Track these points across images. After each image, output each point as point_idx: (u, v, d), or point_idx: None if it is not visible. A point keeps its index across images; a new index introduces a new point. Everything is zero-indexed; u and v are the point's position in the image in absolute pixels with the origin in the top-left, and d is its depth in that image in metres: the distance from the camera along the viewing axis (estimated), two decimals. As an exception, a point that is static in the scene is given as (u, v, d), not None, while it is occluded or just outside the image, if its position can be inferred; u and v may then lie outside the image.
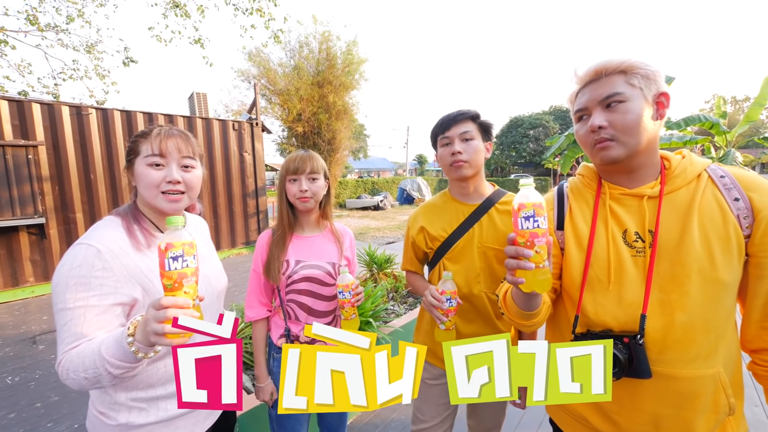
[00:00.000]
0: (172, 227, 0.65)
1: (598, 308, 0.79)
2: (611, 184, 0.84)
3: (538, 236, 0.66)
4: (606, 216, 0.82)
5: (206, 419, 0.98)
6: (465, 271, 1.18)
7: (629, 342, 0.74)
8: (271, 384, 1.28)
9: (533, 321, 0.84)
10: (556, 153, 8.85)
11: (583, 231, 0.84)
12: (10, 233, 4.43)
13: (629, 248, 0.78)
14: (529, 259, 0.67)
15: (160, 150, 0.84)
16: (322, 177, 1.24)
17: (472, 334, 1.19)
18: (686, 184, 0.77)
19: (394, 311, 2.92)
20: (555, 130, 33.36)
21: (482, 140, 1.16)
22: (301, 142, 11.47)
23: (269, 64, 10.89)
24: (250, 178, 6.84)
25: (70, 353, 0.72)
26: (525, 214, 0.67)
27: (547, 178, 27.19)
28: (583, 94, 0.80)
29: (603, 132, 0.76)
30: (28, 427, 2.14)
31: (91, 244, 0.78)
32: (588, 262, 0.81)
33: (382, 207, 16.05)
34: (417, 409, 1.30)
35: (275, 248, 1.24)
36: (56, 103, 4.75)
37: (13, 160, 4.33)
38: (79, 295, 0.74)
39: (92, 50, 7.12)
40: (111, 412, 0.84)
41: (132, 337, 0.67)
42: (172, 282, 0.63)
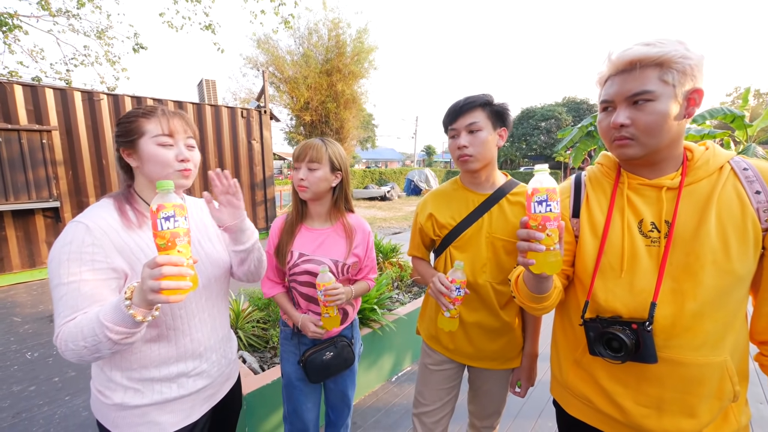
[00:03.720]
0: (162, 191, 0.66)
1: (608, 295, 0.80)
2: (630, 174, 0.83)
3: (549, 220, 0.69)
4: (623, 205, 0.82)
5: (204, 403, 0.98)
6: (471, 260, 1.17)
7: (637, 328, 0.75)
8: (306, 317, 1.26)
9: (543, 305, 0.86)
10: (568, 146, 8.68)
11: (598, 219, 0.85)
12: (27, 216, 4.56)
13: (644, 238, 0.79)
14: (540, 241, 0.70)
15: (169, 129, 0.86)
16: (325, 167, 1.19)
17: (475, 323, 1.19)
18: (708, 175, 0.76)
19: (399, 300, 2.94)
20: (568, 122, 32.64)
21: (493, 128, 1.11)
22: (309, 131, 11.44)
23: (278, 51, 10.80)
24: (258, 166, 6.88)
25: (68, 325, 0.74)
26: (538, 199, 0.70)
27: (558, 172, 26.77)
28: (612, 84, 0.77)
29: (624, 130, 0.75)
30: (47, 399, 2.25)
31: (81, 221, 0.80)
32: (602, 250, 0.82)
33: (389, 198, 16.03)
34: (419, 393, 1.33)
35: (285, 235, 1.26)
36: (68, 89, 4.81)
37: (29, 145, 4.42)
38: (72, 269, 0.76)
39: (103, 36, 7.16)
40: (107, 391, 0.86)
41: (129, 301, 0.68)
42: (165, 241, 0.65)
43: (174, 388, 0.90)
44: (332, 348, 1.28)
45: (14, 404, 2.20)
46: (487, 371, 1.26)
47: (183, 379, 0.91)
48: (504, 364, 1.23)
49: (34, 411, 2.15)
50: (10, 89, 4.35)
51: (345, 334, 1.35)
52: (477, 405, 1.33)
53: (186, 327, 0.91)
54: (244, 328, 2.24)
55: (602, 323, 0.79)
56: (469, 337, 1.20)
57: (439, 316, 1.12)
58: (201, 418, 0.97)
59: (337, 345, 1.29)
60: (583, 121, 8.35)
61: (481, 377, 1.28)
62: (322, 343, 1.29)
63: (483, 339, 1.20)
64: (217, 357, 1.00)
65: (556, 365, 0.97)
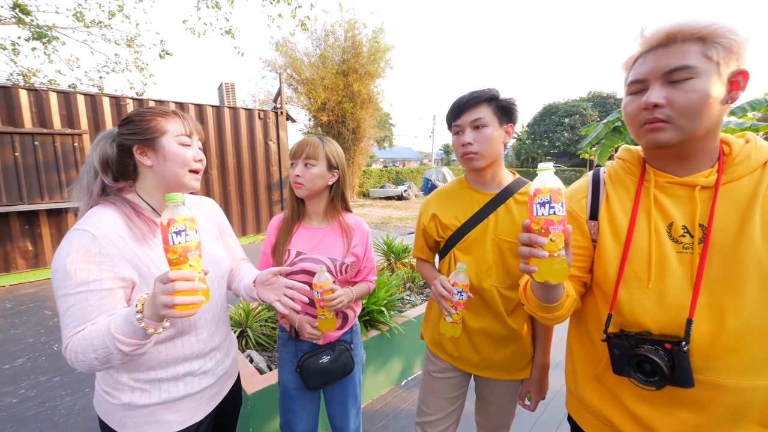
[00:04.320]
0: (172, 203, 0.66)
1: (635, 307, 0.72)
2: (657, 171, 0.74)
3: (553, 223, 0.63)
4: (649, 206, 0.74)
5: (209, 402, 0.99)
6: (476, 263, 1.12)
7: (672, 348, 0.66)
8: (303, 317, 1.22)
9: (554, 314, 0.79)
10: (593, 142, 8.32)
11: (621, 222, 0.76)
12: (60, 215, 4.83)
13: (675, 243, 0.70)
14: (543, 246, 0.64)
15: (190, 130, 0.90)
16: (322, 165, 1.18)
17: (480, 329, 1.13)
18: (749, 172, 0.67)
19: (410, 301, 2.90)
20: (593, 117, 31.38)
21: (500, 124, 1.06)
22: (326, 131, 11.56)
23: (295, 53, 10.99)
24: (275, 167, 7.00)
25: (77, 337, 0.74)
26: (541, 200, 0.64)
27: (583, 169, 25.81)
28: (645, 62, 0.67)
29: (657, 111, 0.65)
30: (69, 390, 2.36)
31: (86, 229, 0.78)
32: (625, 257, 0.74)
33: (406, 197, 15.95)
34: (422, 401, 1.28)
35: (282, 234, 1.25)
36: (98, 95, 5.08)
37: (62, 148, 4.70)
38: (78, 280, 0.75)
39: (132, 44, 7.48)
40: (114, 392, 0.86)
41: (141, 314, 0.69)
42: (177, 256, 0.65)
43: (181, 387, 0.91)
44: (329, 352, 1.25)
45: (40, 394, 2.32)
46: (494, 381, 1.19)
47: (189, 378, 0.92)
48: (512, 374, 1.16)
49: (57, 401, 2.25)
50: (46, 96, 4.64)
51: (344, 339, 1.31)
52: (483, 416, 1.27)
53: (192, 328, 0.92)
54: (253, 327, 2.26)
55: (629, 340, 0.70)
56: (474, 344, 1.15)
57: (441, 321, 1.07)
58: (206, 417, 0.98)
59: (335, 349, 1.26)
60: (610, 116, 7.98)
61: (488, 387, 1.22)
62: (319, 347, 1.26)
63: (489, 347, 1.14)
64: (221, 356, 1.02)
65: (572, 379, 0.90)
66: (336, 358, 1.25)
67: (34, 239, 4.69)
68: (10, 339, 3.08)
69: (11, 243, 4.56)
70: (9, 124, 4.40)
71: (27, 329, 3.27)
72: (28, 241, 4.66)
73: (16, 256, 4.60)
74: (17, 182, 4.44)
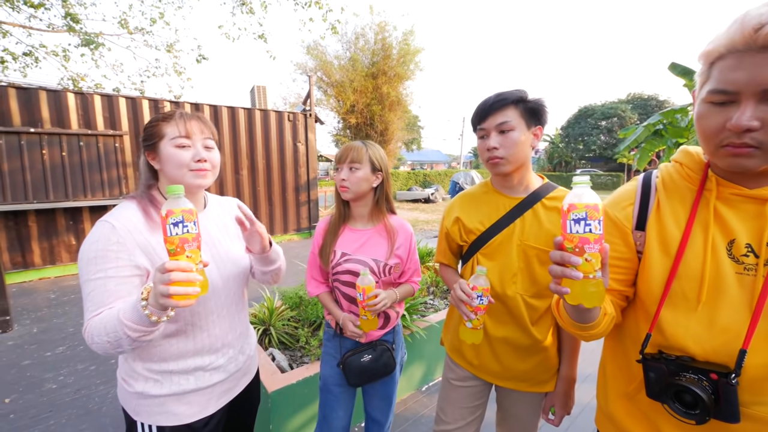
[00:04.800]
0: (172, 196, 0.67)
1: (678, 329, 0.66)
2: (722, 180, 0.65)
3: (589, 242, 0.58)
4: (707, 220, 0.65)
5: (221, 397, 1.00)
6: (500, 269, 1.06)
7: (718, 380, 0.59)
8: (347, 315, 1.27)
9: (590, 333, 0.73)
10: (632, 146, 7.82)
11: (672, 234, 0.69)
12: (102, 212, 5.13)
13: (735, 263, 0.63)
14: (577, 267, 0.58)
15: (186, 131, 0.89)
16: (366, 168, 1.21)
17: (502, 338, 1.08)
18: None
19: (433, 305, 2.81)
20: (632, 120, 29.69)
21: (527, 127, 1.00)
22: (355, 133, 11.67)
23: (326, 56, 11.18)
24: (303, 168, 7.13)
25: (94, 320, 0.78)
26: (575, 216, 0.58)
27: (620, 174, 24.44)
28: (740, 66, 0.54)
29: (748, 136, 0.54)
30: (104, 378, 2.47)
31: (107, 220, 0.84)
32: (674, 273, 0.67)
33: (433, 200, 15.78)
34: (440, 409, 1.23)
35: (328, 236, 1.29)
36: (138, 98, 5.37)
37: (104, 148, 5.01)
38: (98, 266, 0.80)
39: (171, 49, 7.91)
40: (130, 380, 0.91)
41: (145, 301, 0.71)
42: (174, 247, 0.66)
43: (191, 380, 0.93)
44: (371, 351, 1.27)
45: (77, 381, 2.44)
46: (516, 393, 1.13)
47: (200, 373, 0.94)
48: (535, 386, 1.10)
49: (92, 389, 2.36)
50: (91, 99, 4.97)
51: (386, 339, 1.33)
52: (504, 428, 1.22)
53: (204, 323, 0.94)
54: (276, 326, 2.26)
55: (668, 364, 0.64)
56: (496, 353, 1.10)
57: (461, 327, 1.02)
58: (218, 411, 0.99)
59: (376, 349, 1.28)
60: (650, 118, 7.48)
61: (510, 399, 1.16)
62: (362, 346, 1.29)
63: (511, 357, 1.08)
64: (234, 353, 1.02)
65: (602, 394, 0.84)
66: (377, 357, 1.27)
67: (77, 234, 5.02)
68: (53, 328, 3.28)
69: (57, 237, 4.89)
70: (58, 126, 4.75)
71: (68, 319, 3.48)
72: (72, 235, 4.99)
73: (61, 249, 4.93)
74: (63, 180, 4.77)
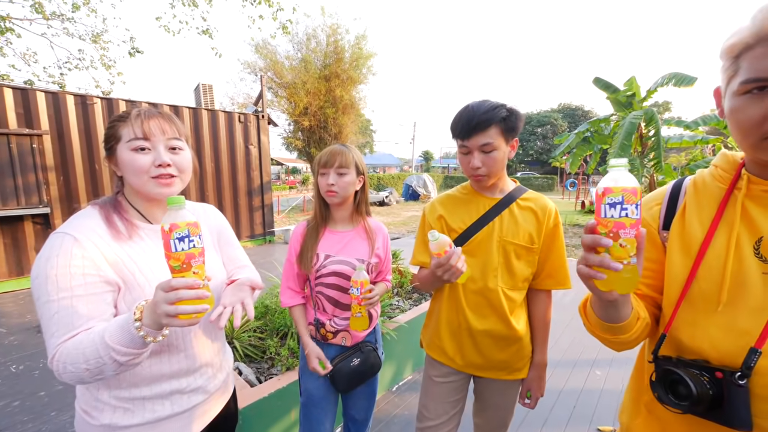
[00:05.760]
0: (173, 207, 0.63)
1: (696, 331, 0.63)
2: (755, 177, 0.62)
3: (624, 227, 0.55)
4: (733, 218, 0.62)
5: (198, 420, 0.93)
6: (482, 264, 1.14)
7: (723, 378, 0.57)
8: (317, 348, 1.26)
9: (621, 338, 0.67)
10: (565, 152, 8.72)
11: (694, 233, 0.66)
12: (15, 222, 4.43)
13: (762, 262, 0.59)
14: (611, 252, 0.55)
15: (143, 132, 0.78)
16: (352, 172, 1.22)
17: (484, 330, 1.15)
18: None
19: (399, 306, 2.87)
20: (563, 128, 32.94)
21: (506, 142, 1.08)
22: (308, 137, 11.42)
23: (276, 56, 10.81)
24: (256, 171, 6.81)
25: (65, 346, 0.69)
26: (611, 200, 0.55)
27: (554, 177, 26.93)
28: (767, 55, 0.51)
29: None
30: (32, 415, 2.13)
31: (68, 232, 0.74)
32: (693, 273, 0.64)
33: (388, 203, 15.99)
34: (423, 406, 1.27)
35: (308, 240, 1.27)
36: (61, 93, 4.73)
37: (18, 149, 4.31)
38: (62, 285, 0.70)
39: (98, 40, 7.09)
40: (94, 411, 0.81)
41: (139, 322, 0.65)
42: (180, 263, 0.62)
43: (167, 405, 0.85)
44: (359, 354, 1.27)
45: (5, 417, 2.09)
46: (495, 382, 1.22)
47: (177, 396, 0.86)
48: (512, 374, 1.20)
49: (18, 428, 2.03)
50: (0, 92, 4.26)
51: (369, 340, 1.34)
52: (483, 418, 1.29)
53: (181, 343, 0.86)
54: (241, 338, 2.15)
55: (683, 366, 0.62)
56: (478, 346, 1.17)
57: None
58: None
59: (363, 350, 1.28)
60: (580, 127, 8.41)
61: (489, 389, 1.24)
62: (348, 350, 1.28)
63: (492, 348, 1.16)
64: (213, 371, 0.96)
65: (625, 410, 0.81)
66: (365, 359, 1.28)
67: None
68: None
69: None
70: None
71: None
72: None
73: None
74: (-34, 186, 4.04)
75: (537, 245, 1.12)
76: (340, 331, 1.27)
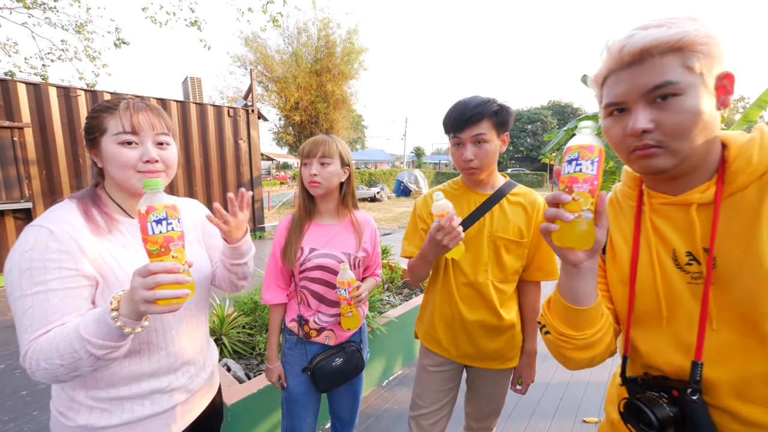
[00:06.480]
0: (150, 190, 0.60)
1: (651, 348, 0.65)
2: (652, 192, 0.66)
3: (577, 181, 0.57)
4: (648, 235, 0.65)
5: (180, 420, 0.91)
6: (473, 258, 1.16)
7: (679, 396, 0.57)
8: (279, 367, 1.28)
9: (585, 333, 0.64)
10: (554, 148, 8.82)
11: (622, 253, 0.69)
12: (-4, 217, 4.31)
13: (683, 273, 0.61)
14: (565, 205, 0.57)
15: (132, 126, 0.76)
16: (336, 163, 1.19)
17: (476, 321, 1.17)
18: (756, 178, 0.55)
19: (390, 302, 2.88)
20: (553, 125, 33.28)
21: (498, 135, 1.09)
22: (298, 132, 11.33)
23: (266, 50, 10.66)
24: (245, 167, 6.73)
25: (38, 341, 0.66)
26: (569, 158, 0.57)
27: (544, 173, 27.22)
28: (619, 81, 0.58)
29: (647, 137, 0.56)
30: (13, 414, 2.09)
31: (43, 225, 0.71)
32: (632, 292, 0.66)
33: (379, 198, 15.98)
34: (417, 396, 1.30)
35: (293, 233, 1.24)
36: (43, 84, 4.59)
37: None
38: (36, 279, 0.68)
39: (82, 30, 6.90)
40: (70, 413, 0.78)
41: (116, 312, 0.63)
42: (158, 246, 0.60)
43: (147, 405, 0.82)
44: (342, 354, 1.25)
45: None
46: (488, 372, 1.25)
47: (157, 396, 0.84)
48: (504, 363, 1.23)
49: (7, 424, 1.99)
50: (-22, 83, 4.11)
51: (354, 340, 1.32)
52: (474, 406, 1.32)
53: (161, 341, 0.84)
54: (229, 335, 2.14)
55: (643, 385, 0.62)
56: (471, 337, 1.19)
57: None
58: None
59: (346, 350, 1.26)
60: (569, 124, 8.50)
61: (482, 378, 1.27)
62: (331, 349, 1.26)
63: (484, 338, 1.19)
64: (196, 370, 0.93)
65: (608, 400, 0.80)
66: (348, 359, 1.26)
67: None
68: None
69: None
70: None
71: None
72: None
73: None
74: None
75: (526, 239, 1.14)
76: (324, 330, 1.24)
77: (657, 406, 0.57)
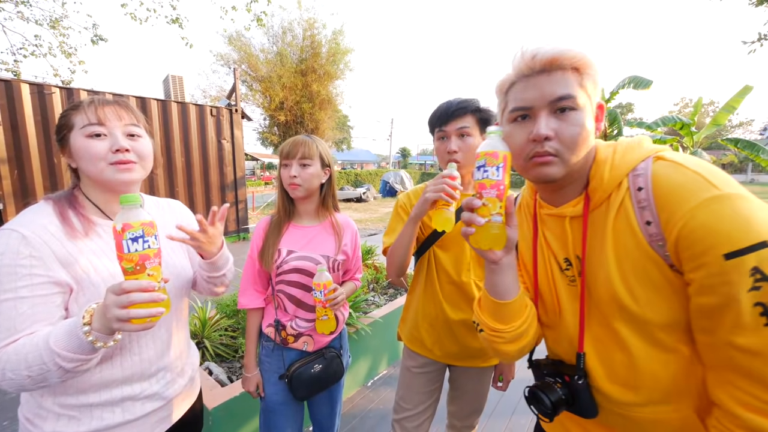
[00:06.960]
0: (127, 206, 0.59)
1: (552, 340, 0.76)
2: (542, 202, 0.73)
3: (485, 187, 0.62)
4: (541, 240, 0.74)
5: (155, 427, 0.88)
6: (455, 258, 1.18)
7: (570, 381, 0.68)
8: (258, 375, 1.23)
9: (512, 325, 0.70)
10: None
11: (527, 256, 0.78)
12: (-36, 219, 4.12)
13: (565, 277, 0.70)
14: (477, 210, 0.62)
15: (97, 118, 0.75)
16: (317, 164, 1.17)
17: (460, 321, 1.19)
18: (606, 197, 0.62)
19: (375, 302, 2.90)
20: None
21: (481, 132, 1.13)
22: (283, 132, 11.23)
23: (250, 49, 10.53)
24: (229, 167, 6.63)
25: (6, 351, 0.64)
26: (477, 164, 0.63)
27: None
28: (527, 88, 0.62)
29: (547, 144, 0.60)
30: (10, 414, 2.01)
31: (15, 229, 0.69)
32: (536, 293, 0.75)
33: (365, 199, 15.96)
34: (401, 398, 1.30)
35: (270, 235, 1.21)
36: (15, 81, 4.41)
37: (-34, 141, 4.01)
38: (5, 286, 0.66)
39: (57, 25, 6.65)
40: (37, 419, 0.75)
41: (88, 326, 0.62)
42: (133, 265, 0.59)
43: (118, 412, 0.79)
44: (321, 360, 1.21)
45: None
46: (471, 370, 1.27)
47: (129, 403, 0.81)
48: (486, 361, 1.25)
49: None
50: (-56, 79, 3.93)
51: (333, 345, 1.28)
52: (458, 405, 1.33)
53: (135, 346, 0.81)
54: (211, 338, 2.11)
55: (543, 368, 0.73)
56: (455, 336, 1.21)
57: (440, 217, 1.00)
58: None
59: (326, 356, 1.22)
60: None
61: (465, 376, 1.29)
62: (310, 355, 1.21)
63: (468, 337, 1.21)
64: (173, 376, 0.90)
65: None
66: (328, 366, 1.22)
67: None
68: None
69: None
70: None
71: None
72: None
73: None
74: None
75: None
76: (302, 335, 1.20)
77: (551, 391, 0.68)
